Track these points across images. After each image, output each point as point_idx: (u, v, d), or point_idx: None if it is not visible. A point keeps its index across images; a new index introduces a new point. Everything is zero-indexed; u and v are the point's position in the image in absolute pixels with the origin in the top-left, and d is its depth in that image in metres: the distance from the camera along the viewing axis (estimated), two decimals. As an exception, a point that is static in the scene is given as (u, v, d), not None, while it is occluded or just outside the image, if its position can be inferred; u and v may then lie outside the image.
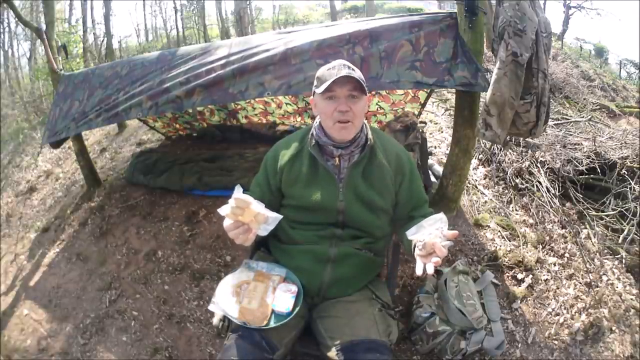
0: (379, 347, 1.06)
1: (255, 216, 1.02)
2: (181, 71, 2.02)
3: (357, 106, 1.10)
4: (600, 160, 2.56)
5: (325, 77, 1.09)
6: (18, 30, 10.17)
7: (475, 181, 2.72)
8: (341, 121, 1.10)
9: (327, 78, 1.08)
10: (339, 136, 1.14)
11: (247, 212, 1.01)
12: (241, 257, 2.21)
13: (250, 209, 1.01)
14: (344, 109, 1.08)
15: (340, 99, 1.08)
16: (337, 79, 1.05)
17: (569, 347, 1.74)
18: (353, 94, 1.09)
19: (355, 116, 1.10)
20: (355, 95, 1.09)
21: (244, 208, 1.00)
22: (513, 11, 1.64)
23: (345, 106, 1.08)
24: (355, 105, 1.09)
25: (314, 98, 1.17)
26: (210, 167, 2.90)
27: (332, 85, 1.06)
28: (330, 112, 1.10)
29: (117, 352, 1.92)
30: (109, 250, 2.53)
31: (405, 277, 2.02)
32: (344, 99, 1.08)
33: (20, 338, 2.11)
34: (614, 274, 2.07)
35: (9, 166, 5.17)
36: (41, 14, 6.65)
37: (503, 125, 1.78)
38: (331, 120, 1.11)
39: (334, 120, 1.10)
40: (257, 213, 1.02)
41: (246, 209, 1.00)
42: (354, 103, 1.09)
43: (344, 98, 1.08)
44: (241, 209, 1.00)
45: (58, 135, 2.52)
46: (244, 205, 1.00)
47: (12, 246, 3.06)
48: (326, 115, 1.12)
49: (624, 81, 9.28)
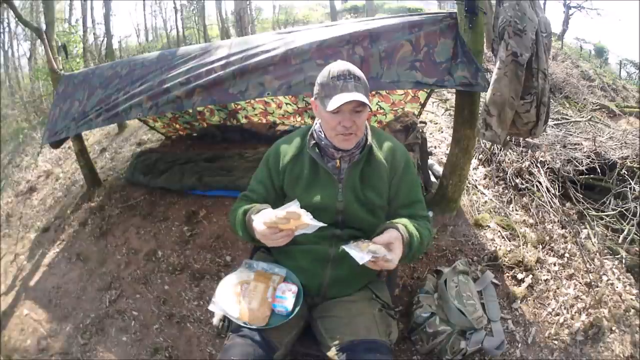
0: (379, 347, 1.06)
1: (299, 226, 1.00)
2: (181, 71, 2.02)
3: (360, 119, 1.09)
4: (600, 160, 2.56)
5: (331, 90, 1.05)
6: (18, 30, 10.18)
7: (475, 181, 2.72)
8: (344, 134, 1.09)
9: (332, 92, 1.05)
10: (342, 146, 1.14)
11: (294, 221, 0.99)
12: (241, 257, 2.22)
13: (300, 220, 0.99)
14: (348, 124, 1.07)
15: (345, 113, 1.06)
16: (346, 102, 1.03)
17: (569, 347, 1.74)
18: (357, 110, 1.07)
19: (358, 128, 1.10)
20: (360, 110, 1.08)
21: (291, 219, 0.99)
22: (513, 11, 1.64)
23: (350, 122, 1.07)
24: (359, 119, 1.08)
25: (315, 102, 1.14)
26: (210, 167, 2.90)
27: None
28: (334, 125, 1.08)
29: (117, 352, 1.92)
30: (109, 250, 2.53)
31: (405, 277, 2.02)
32: (348, 113, 1.06)
33: (20, 338, 2.11)
34: (614, 274, 2.07)
35: (9, 166, 5.17)
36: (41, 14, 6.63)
37: (503, 125, 1.78)
38: (334, 132, 1.10)
39: (336, 133, 1.10)
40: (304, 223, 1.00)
41: (292, 220, 0.99)
42: (357, 117, 1.08)
43: (348, 113, 1.06)
44: (287, 220, 0.99)
45: (58, 135, 2.52)
46: (295, 217, 0.99)
47: (12, 246, 3.06)
48: (329, 126, 1.10)
49: (624, 81, 9.27)
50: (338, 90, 1.04)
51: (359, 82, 1.07)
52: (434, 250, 2.13)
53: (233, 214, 1.23)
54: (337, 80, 1.05)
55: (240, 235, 1.19)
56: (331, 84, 1.06)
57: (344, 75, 1.06)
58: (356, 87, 1.05)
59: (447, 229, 2.25)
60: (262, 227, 1.03)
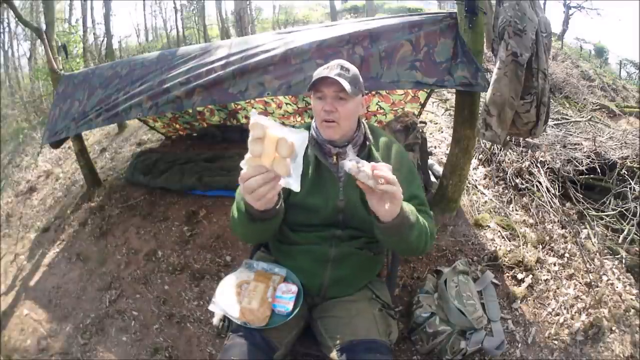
0: (379, 347, 1.06)
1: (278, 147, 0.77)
2: (181, 71, 2.02)
3: (344, 108, 1.09)
4: (600, 160, 2.56)
5: (316, 75, 1.09)
6: (18, 30, 10.19)
7: (475, 181, 2.72)
8: (326, 120, 1.10)
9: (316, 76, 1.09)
10: (325, 135, 1.14)
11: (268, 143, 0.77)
12: (241, 257, 2.22)
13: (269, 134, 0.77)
14: (329, 108, 1.08)
15: (327, 98, 1.09)
16: (321, 78, 1.06)
17: (569, 347, 1.74)
18: (340, 96, 1.08)
19: (341, 117, 1.09)
20: (343, 97, 1.08)
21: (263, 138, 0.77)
22: (513, 11, 1.64)
23: (331, 106, 1.08)
24: (343, 107, 1.09)
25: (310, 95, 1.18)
26: (210, 167, 2.90)
27: (319, 85, 1.08)
28: (318, 110, 1.11)
29: (117, 352, 1.91)
30: (109, 250, 2.53)
31: (405, 277, 2.02)
32: (330, 99, 1.09)
33: (20, 338, 2.11)
34: (614, 274, 2.07)
35: (9, 166, 5.17)
36: (41, 14, 6.63)
37: (503, 125, 1.78)
38: (319, 118, 1.12)
39: (320, 119, 1.12)
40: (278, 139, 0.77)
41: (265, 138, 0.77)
42: (341, 104, 1.08)
43: (330, 98, 1.09)
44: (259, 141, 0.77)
45: (58, 135, 2.52)
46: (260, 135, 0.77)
47: (12, 246, 3.06)
48: (316, 114, 1.13)
49: (624, 81, 9.27)
50: (322, 74, 1.07)
51: (347, 72, 1.08)
52: (434, 250, 2.13)
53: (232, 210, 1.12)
54: (326, 69, 1.09)
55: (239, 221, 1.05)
56: (319, 72, 1.10)
57: (333, 66, 1.09)
58: (341, 75, 1.06)
59: (447, 229, 2.25)
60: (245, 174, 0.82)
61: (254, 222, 0.99)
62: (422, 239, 1.04)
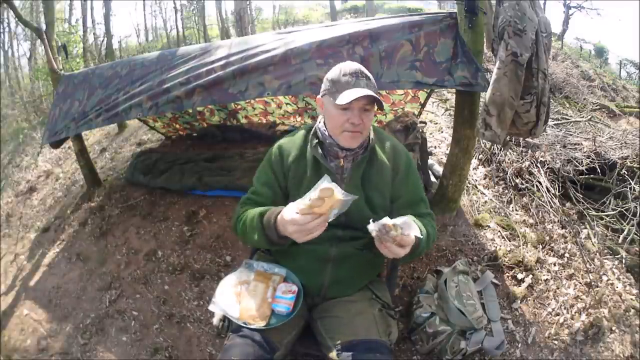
0: (379, 347, 1.06)
1: (336, 205, 0.90)
2: (181, 71, 2.02)
3: (368, 118, 1.10)
4: (600, 160, 2.56)
5: (342, 85, 1.06)
6: (18, 30, 10.17)
7: (475, 181, 2.72)
8: (351, 131, 1.09)
9: (344, 88, 1.06)
10: (346, 144, 1.13)
11: (328, 200, 0.89)
12: (241, 257, 2.21)
13: (334, 196, 0.88)
14: (357, 121, 1.07)
15: (354, 110, 1.07)
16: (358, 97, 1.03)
17: (569, 347, 1.74)
18: (367, 108, 1.08)
19: (365, 127, 1.10)
20: (368, 109, 1.09)
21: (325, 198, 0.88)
22: (513, 11, 1.64)
23: (359, 119, 1.07)
24: (367, 117, 1.09)
25: (322, 99, 1.15)
26: (210, 167, 2.90)
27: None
28: (342, 122, 1.09)
29: (117, 352, 1.91)
30: (109, 250, 2.53)
31: (405, 277, 2.02)
32: (357, 110, 1.07)
33: (20, 338, 2.11)
34: (614, 274, 2.07)
35: (9, 166, 5.18)
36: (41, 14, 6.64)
37: (503, 125, 1.78)
38: (340, 128, 1.10)
39: (343, 129, 1.10)
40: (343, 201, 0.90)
41: (327, 198, 0.88)
42: (366, 115, 1.09)
43: (357, 110, 1.07)
44: (322, 200, 0.88)
45: (58, 135, 2.52)
46: (328, 195, 0.88)
47: (12, 246, 3.06)
48: (336, 123, 1.10)
49: (624, 81, 9.27)
50: (351, 85, 1.06)
51: (369, 81, 1.09)
52: (434, 250, 2.13)
53: (242, 220, 1.17)
54: (350, 77, 1.07)
55: (255, 240, 1.10)
56: (343, 80, 1.07)
57: (356, 74, 1.08)
58: (367, 85, 1.07)
59: (447, 229, 2.25)
60: (295, 216, 0.94)
61: (272, 244, 1.08)
62: (430, 243, 1.13)
